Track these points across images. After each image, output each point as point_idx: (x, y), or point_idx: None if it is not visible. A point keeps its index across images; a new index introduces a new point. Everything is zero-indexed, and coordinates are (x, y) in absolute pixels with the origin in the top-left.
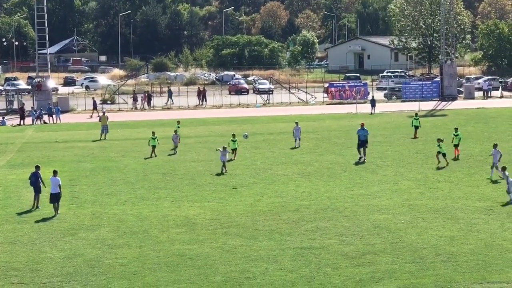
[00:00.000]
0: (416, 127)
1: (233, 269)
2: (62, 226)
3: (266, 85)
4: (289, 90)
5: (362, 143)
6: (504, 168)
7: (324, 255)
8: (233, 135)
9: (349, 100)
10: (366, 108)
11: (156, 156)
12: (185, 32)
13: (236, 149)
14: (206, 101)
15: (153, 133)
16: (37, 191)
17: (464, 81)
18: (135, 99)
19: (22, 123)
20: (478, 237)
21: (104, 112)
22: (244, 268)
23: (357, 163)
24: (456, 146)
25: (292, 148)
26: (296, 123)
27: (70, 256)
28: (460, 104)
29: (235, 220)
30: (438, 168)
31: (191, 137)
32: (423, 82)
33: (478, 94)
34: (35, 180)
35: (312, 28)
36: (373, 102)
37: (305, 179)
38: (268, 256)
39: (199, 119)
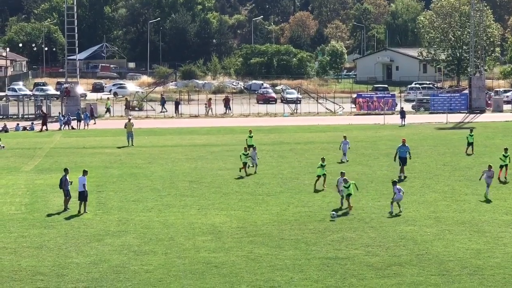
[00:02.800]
0: (470, 143)
1: (259, 278)
2: (88, 231)
3: (294, 94)
4: (317, 100)
5: (403, 161)
6: (395, 183)
7: (349, 265)
8: (250, 131)
9: (376, 111)
10: (393, 119)
11: (246, 175)
12: (214, 40)
13: (253, 145)
14: (230, 109)
15: (245, 149)
16: (65, 194)
17: (492, 94)
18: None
19: (44, 129)
20: (505, 250)
21: (129, 119)
22: (269, 277)
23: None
24: (502, 167)
25: (339, 163)
26: (344, 137)
27: (96, 261)
28: (488, 117)
29: (261, 229)
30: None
31: (218, 145)
32: (451, 94)
33: (507, 107)
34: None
35: (341, 38)
36: (402, 114)
37: (331, 189)
38: (293, 266)
39: (226, 127)
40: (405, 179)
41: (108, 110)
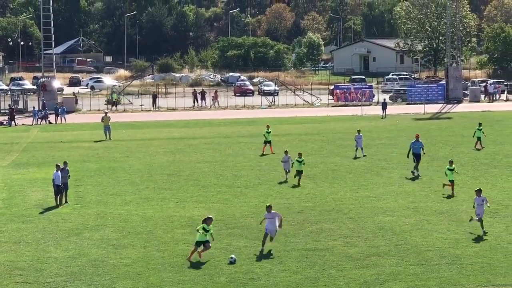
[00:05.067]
0: (479, 138)
1: (238, 270)
2: (66, 226)
3: (271, 86)
4: (294, 92)
5: (417, 157)
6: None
7: (328, 256)
8: (268, 126)
9: (354, 102)
10: (371, 110)
11: (273, 152)
12: (191, 33)
13: (270, 141)
14: (205, 102)
15: (268, 126)
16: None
17: (469, 84)
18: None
19: (11, 123)
20: (483, 239)
21: (106, 113)
22: (248, 269)
23: (412, 179)
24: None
25: (354, 158)
26: (358, 131)
27: (75, 256)
28: (465, 107)
29: (239, 221)
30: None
31: (196, 138)
32: (429, 85)
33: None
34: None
35: (317, 30)
36: (384, 105)
37: (310, 180)
38: (272, 257)
39: (204, 120)
40: (420, 178)
41: (115, 103)
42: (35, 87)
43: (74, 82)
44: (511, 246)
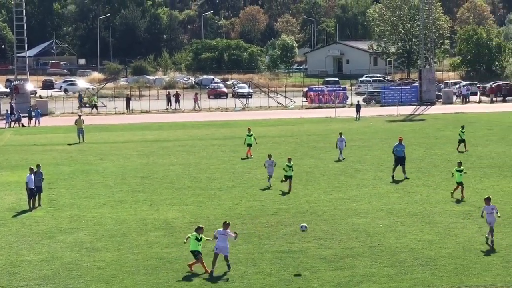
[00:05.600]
0: (462, 140)
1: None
2: (40, 229)
3: (245, 89)
4: (268, 94)
5: (400, 160)
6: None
7: (302, 258)
8: (249, 129)
9: (328, 104)
10: (345, 112)
11: (251, 156)
12: (164, 36)
13: (251, 145)
14: (179, 104)
15: (249, 129)
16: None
17: (442, 86)
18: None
19: None
20: (456, 241)
21: (80, 116)
22: (223, 271)
23: (394, 181)
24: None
25: (337, 161)
26: (340, 134)
27: (48, 259)
28: (438, 108)
29: (213, 224)
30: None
31: (170, 140)
32: (402, 87)
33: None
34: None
35: (291, 32)
36: (358, 107)
37: (284, 183)
38: (246, 260)
39: (178, 122)
40: (408, 179)
41: (95, 105)
42: (8, 90)
43: (47, 85)
44: (483, 247)
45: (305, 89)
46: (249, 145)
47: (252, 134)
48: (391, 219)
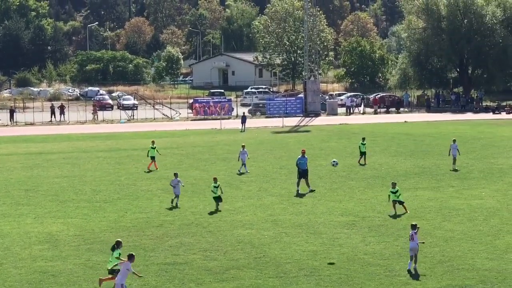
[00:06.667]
0: (363, 153)
1: (97, 285)
2: None
3: (130, 100)
4: (153, 106)
5: (304, 172)
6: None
7: (188, 270)
8: (153, 142)
9: (213, 116)
10: (230, 123)
11: (157, 168)
12: (49, 47)
13: (154, 157)
14: (64, 116)
15: (153, 142)
16: None
17: (327, 97)
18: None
19: None
20: (340, 251)
21: None
22: (107, 284)
23: (300, 195)
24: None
25: (240, 174)
26: (243, 146)
27: None
28: (323, 120)
29: (98, 236)
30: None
31: (54, 153)
32: (287, 98)
33: (341, 110)
34: None
35: (177, 44)
36: (243, 119)
37: (169, 194)
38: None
39: (62, 134)
40: (311, 193)
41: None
42: None
43: None
44: (367, 257)
45: (191, 100)
46: (152, 157)
47: (155, 147)
48: (276, 230)
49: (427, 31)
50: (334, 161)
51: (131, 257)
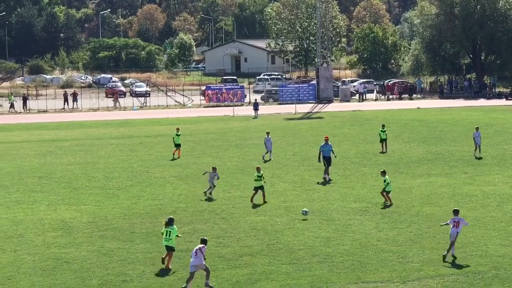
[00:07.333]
0: (384, 140)
1: (110, 272)
2: None
3: (143, 88)
4: (166, 93)
5: (327, 161)
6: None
7: None
8: (177, 129)
9: (226, 102)
10: (243, 110)
11: (180, 157)
12: (62, 35)
13: (179, 145)
14: (77, 104)
15: (177, 129)
16: None
17: (339, 84)
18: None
19: None
20: (353, 237)
21: None
22: (121, 271)
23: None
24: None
25: (266, 161)
26: (267, 133)
27: None
28: (336, 106)
29: (111, 223)
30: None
31: (67, 140)
32: (300, 85)
33: (355, 97)
34: None
35: (189, 31)
36: (256, 105)
37: (182, 181)
38: (145, 259)
39: (75, 122)
40: (330, 182)
41: (12, 105)
42: None
43: None
44: (380, 244)
45: (203, 87)
46: (178, 145)
47: (180, 134)
48: (289, 216)
49: (440, 17)
50: (304, 211)
51: (204, 241)
